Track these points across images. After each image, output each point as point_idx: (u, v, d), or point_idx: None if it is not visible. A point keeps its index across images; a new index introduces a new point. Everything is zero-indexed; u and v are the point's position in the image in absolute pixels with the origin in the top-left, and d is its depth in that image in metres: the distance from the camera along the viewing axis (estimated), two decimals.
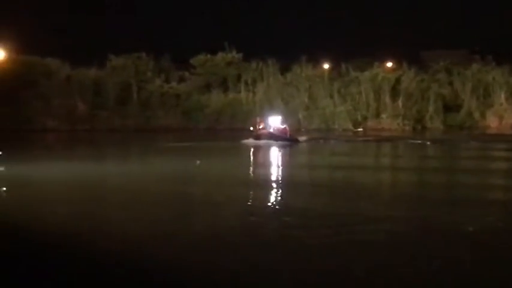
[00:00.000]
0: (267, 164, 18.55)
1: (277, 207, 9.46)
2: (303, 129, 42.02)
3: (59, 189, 11.99)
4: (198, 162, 16.86)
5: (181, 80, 45.85)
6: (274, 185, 12.35)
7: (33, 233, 7.48)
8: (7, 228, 7.78)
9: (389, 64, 46.96)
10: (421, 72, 45.69)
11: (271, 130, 27.08)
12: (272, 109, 37.90)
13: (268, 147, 24.68)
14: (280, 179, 13.98)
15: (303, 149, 26.10)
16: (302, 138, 29.30)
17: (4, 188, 11.44)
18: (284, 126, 27.72)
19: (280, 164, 19.23)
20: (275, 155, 22.37)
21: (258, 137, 26.48)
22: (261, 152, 23.06)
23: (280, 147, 24.82)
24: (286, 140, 26.74)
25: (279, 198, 10.41)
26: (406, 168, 16.61)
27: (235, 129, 38.78)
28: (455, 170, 16.03)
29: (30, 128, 39.20)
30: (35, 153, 22.39)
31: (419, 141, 28.88)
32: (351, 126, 43.25)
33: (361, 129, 42.63)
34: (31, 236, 7.35)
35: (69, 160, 19.12)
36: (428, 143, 28.69)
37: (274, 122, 27.96)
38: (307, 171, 16.18)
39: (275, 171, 16.00)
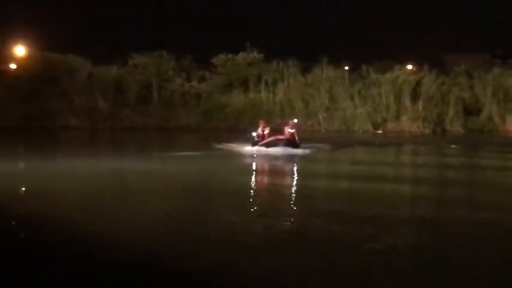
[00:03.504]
0: None
1: None
2: (322, 131, 42.23)
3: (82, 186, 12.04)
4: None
5: (202, 79, 46.04)
6: None
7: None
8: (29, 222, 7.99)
9: (410, 67, 47.08)
10: (441, 76, 45.62)
11: (283, 136, 21.89)
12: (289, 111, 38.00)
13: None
14: None
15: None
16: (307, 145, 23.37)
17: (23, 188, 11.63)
18: (293, 130, 22.16)
19: None
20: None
21: (266, 144, 21.34)
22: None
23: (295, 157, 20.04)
24: (296, 146, 21.65)
25: None
26: None
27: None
28: None
29: (52, 125, 39.40)
30: (56, 151, 22.59)
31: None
32: (371, 128, 43.23)
33: (380, 132, 42.62)
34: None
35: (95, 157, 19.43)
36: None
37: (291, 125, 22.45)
38: None
39: None
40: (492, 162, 19.55)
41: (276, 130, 24.47)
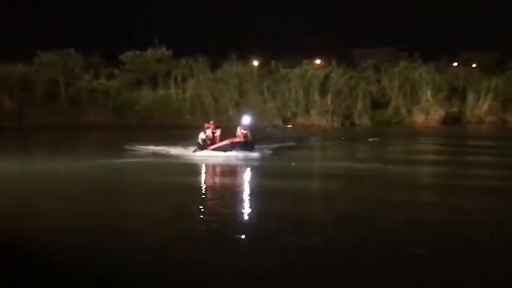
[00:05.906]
0: None
1: None
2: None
3: None
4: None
5: (111, 76, 45.72)
6: None
7: None
8: None
9: (318, 61, 47.78)
10: (349, 70, 46.44)
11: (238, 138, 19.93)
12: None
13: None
14: None
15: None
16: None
17: None
18: (246, 131, 20.19)
19: None
20: None
21: (220, 148, 19.47)
22: None
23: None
24: (252, 148, 19.85)
25: None
26: None
27: (167, 127, 38.76)
28: None
29: None
30: None
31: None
32: (280, 123, 43.73)
33: (290, 126, 43.23)
34: None
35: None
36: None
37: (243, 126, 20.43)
38: None
39: None
40: None
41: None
